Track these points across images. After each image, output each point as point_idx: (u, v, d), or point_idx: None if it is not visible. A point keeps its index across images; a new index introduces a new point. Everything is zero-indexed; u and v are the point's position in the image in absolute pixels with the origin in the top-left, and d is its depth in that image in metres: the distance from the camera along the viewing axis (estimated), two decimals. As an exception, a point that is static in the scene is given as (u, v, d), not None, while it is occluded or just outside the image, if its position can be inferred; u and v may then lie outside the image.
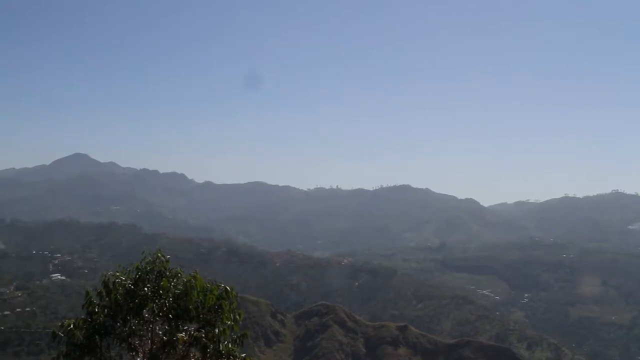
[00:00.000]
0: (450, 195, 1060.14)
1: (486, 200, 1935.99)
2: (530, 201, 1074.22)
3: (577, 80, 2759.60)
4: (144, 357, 17.88)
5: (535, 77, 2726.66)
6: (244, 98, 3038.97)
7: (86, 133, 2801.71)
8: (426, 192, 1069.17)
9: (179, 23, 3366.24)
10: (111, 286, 17.61)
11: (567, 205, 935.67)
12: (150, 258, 18.06)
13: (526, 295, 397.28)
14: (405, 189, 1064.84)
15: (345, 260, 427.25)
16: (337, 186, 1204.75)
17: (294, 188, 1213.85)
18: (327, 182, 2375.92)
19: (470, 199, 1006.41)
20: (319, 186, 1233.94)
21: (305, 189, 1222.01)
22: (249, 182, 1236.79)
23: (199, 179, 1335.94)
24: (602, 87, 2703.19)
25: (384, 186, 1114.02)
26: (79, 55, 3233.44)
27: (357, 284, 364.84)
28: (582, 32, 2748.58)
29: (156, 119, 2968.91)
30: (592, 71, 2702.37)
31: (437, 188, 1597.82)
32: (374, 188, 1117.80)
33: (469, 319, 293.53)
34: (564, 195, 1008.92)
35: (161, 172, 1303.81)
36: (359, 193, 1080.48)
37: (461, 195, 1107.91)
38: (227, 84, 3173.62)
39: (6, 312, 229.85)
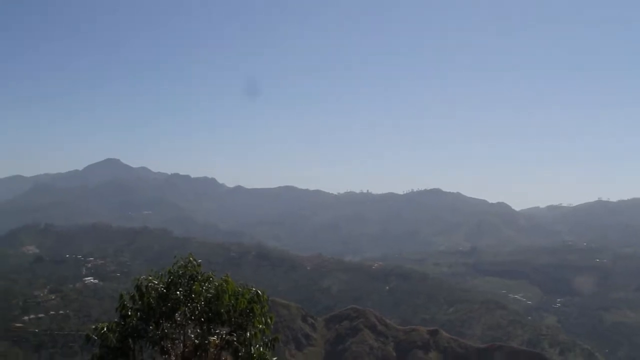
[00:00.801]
0: (481, 199, 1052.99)
1: (518, 204, 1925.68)
2: (563, 205, 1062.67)
3: (612, 83, 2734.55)
4: (176, 360, 18.01)
5: (569, 80, 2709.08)
6: (274, 102, 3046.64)
7: (118, 138, 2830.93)
8: (457, 196, 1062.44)
9: (208, 25, 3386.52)
10: (144, 290, 17.76)
11: (600, 209, 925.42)
12: (182, 262, 18.21)
13: (559, 300, 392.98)
14: (436, 192, 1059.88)
15: (375, 265, 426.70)
16: (367, 190, 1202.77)
17: (325, 192, 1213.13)
18: (358, 186, 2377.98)
19: (502, 203, 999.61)
20: (349, 190, 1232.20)
21: (336, 193, 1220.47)
22: (279, 187, 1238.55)
23: (230, 184, 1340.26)
24: (637, 89, 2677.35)
25: (415, 190, 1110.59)
26: (110, 61, 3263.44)
27: (387, 288, 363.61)
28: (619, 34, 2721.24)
29: (187, 124, 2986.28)
30: (626, 74, 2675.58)
31: (468, 192, 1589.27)
32: (405, 192, 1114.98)
33: (501, 323, 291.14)
34: (597, 199, 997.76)
35: (192, 176, 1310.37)
36: (390, 197, 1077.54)
37: (492, 199, 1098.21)
38: (256, 87, 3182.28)
39: (40, 315, 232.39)
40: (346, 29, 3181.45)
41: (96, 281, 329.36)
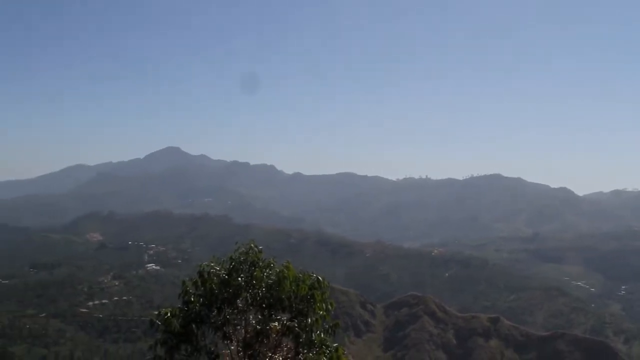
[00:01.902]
0: (543, 185, 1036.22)
1: (581, 189, 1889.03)
2: (628, 190, 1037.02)
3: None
4: (238, 345, 18.15)
5: (632, 65, 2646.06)
6: (333, 89, 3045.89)
7: (178, 127, 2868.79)
8: (518, 181, 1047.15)
9: (268, 9, 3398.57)
10: (206, 276, 17.91)
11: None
12: (243, 249, 18.31)
13: (623, 287, 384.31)
14: (496, 178, 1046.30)
15: (435, 251, 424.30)
16: (426, 176, 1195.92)
17: (384, 178, 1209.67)
18: (417, 171, 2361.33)
19: (564, 187, 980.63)
20: (408, 176, 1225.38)
21: (395, 179, 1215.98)
22: (338, 173, 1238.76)
23: (289, 170, 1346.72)
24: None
25: (475, 175, 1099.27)
26: (171, 50, 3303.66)
27: (447, 274, 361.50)
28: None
29: (246, 111, 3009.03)
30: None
31: (530, 177, 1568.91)
32: (464, 177, 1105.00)
33: (563, 311, 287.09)
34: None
35: (251, 164, 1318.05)
36: (449, 183, 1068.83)
37: (554, 184, 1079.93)
38: (314, 74, 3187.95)
39: (104, 301, 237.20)
40: (410, 16, 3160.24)
41: (158, 268, 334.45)
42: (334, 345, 17.92)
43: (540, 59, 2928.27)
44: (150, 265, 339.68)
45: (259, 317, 17.98)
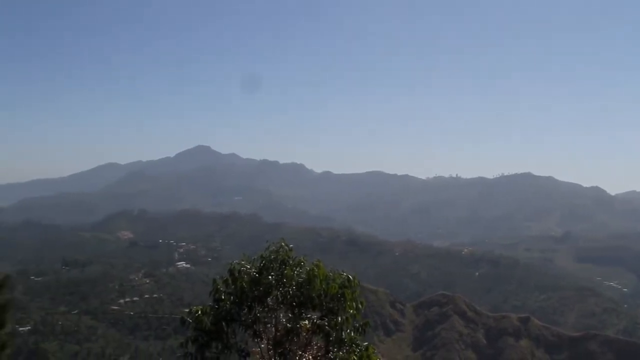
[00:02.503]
0: (574, 184, 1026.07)
1: (613, 188, 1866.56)
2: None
3: None
4: (268, 343, 18.20)
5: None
6: (362, 88, 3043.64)
7: (208, 126, 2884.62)
8: (549, 180, 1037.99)
9: (298, 8, 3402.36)
10: (237, 274, 17.98)
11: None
12: (274, 247, 18.36)
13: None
14: (527, 177, 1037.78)
15: (465, 250, 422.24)
16: (456, 174, 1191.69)
17: (413, 177, 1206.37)
18: (447, 170, 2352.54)
19: (596, 186, 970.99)
20: (438, 175, 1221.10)
21: (424, 178, 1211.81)
22: (367, 172, 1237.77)
23: (318, 169, 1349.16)
24: None
25: (505, 174, 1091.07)
26: (200, 50, 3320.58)
27: (477, 273, 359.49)
28: None
29: (275, 110, 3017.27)
30: None
31: (561, 176, 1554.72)
32: (495, 176, 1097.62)
33: (595, 311, 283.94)
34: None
35: (281, 162, 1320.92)
36: (479, 181, 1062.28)
37: (586, 183, 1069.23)
38: (344, 72, 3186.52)
39: (135, 298, 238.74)
40: (440, 13, 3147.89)
41: (188, 266, 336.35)
42: (364, 344, 17.92)
43: (573, 58, 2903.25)
44: (181, 263, 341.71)
45: (289, 315, 18.02)
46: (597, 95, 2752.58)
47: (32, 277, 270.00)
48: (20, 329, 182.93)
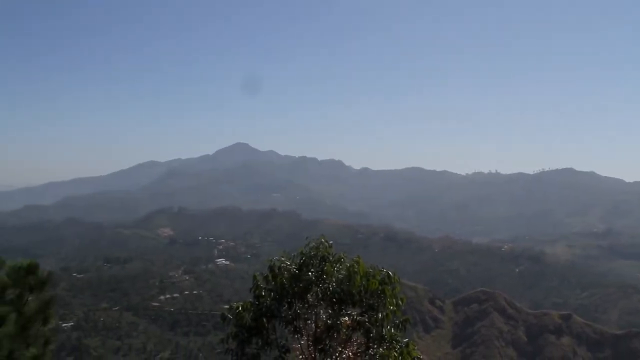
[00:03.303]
0: (617, 179, 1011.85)
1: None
2: None
3: None
4: (308, 339, 18.19)
5: None
6: (401, 83, 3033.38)
7: (247, 123, 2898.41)
8: (591, 175, 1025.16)
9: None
10: (277, 271, 18.00)
11: None
12: (314, 243, 18.33)
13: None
14: (568, 172, 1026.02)
15: (505, 246, 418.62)
16: (496, 170, 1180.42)
17: (452, 173, 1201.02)
18: (486, 166, 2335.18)
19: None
20: (477, 171, 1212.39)
21: (464, 174, 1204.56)
22: (406, 168, 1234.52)
23: (357, 166, 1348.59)
24: None
25: (546, 170, 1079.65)
26: (240, 49, 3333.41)
27: (517, 270, 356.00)
28: None
29: (314, 106, 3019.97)
30: None
31: (603, 171, 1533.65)
32: (535, 172, 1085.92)
33: (639, 308, 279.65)
34: None
35: (319, 159, 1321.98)
36: (519, 177, 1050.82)
37: (629, 178, 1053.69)
38: (382, 69, 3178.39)
39: (175, 295, 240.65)
40: (482, 11, 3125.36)
41: (227, 262, 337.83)
42: (405, 340, 17.82)
43: (619, 54, 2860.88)
44: (220, 260, 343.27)
45: (330, 311, 17.98)
46: (637, 89, 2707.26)
47: (75, 274, 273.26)
48: (64, 324, 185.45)
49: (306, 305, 18.06)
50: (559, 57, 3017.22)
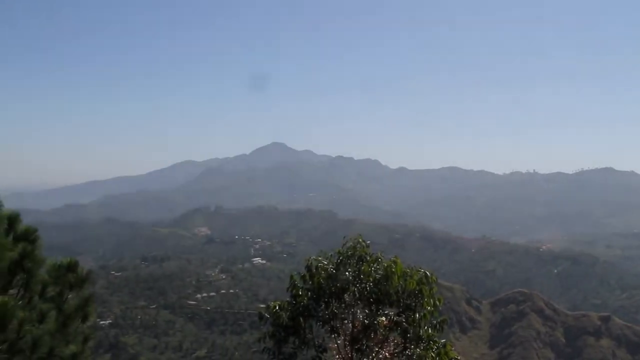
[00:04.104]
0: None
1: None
2: None
3: None
4: (345, 339, 18.16)
5: None
6: (438, 83, 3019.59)
7: (284, 123, 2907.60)
8: (631, 174, 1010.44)
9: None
10: (314, 270, 17.98)
11: None
12: (351, 243, 18.29)
13: None
14: (608, 171, 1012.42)
15: (543, 247, 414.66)
16: (534, 170, 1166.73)
17: (489, 172, 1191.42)
18: (524, 165, 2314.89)
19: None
20: (514, 170, 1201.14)
21: (501, 174, 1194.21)
22: (442, 167, 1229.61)
23: (393, 165, 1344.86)
24: None
25: (585, 169, 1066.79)
26: (278, 50, 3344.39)
27: (556, 271, 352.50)
28: None
29: (350, 106, 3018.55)
30: None
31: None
32: (574, 171, 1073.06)
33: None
34: None
35: (356, 158, 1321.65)
36: (558, 177, 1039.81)
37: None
38: (419, 68, 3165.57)
39: (212, 294, 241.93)
40: (527, 10, 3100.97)
41: (263, 262, 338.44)
42: (442, 341, 17.72)
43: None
44: (256, 259, 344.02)
45: (367, 311, 17.92)
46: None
47: (113, 272, 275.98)
48: (101, 322, 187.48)
49: (343, 305, 18.02)
50: (598, 56, 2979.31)
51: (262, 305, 18.36)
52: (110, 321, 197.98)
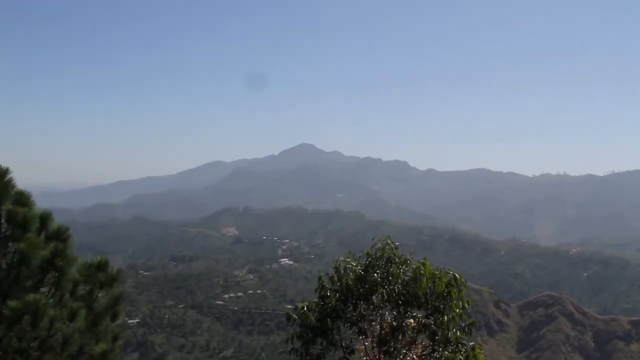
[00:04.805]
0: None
1: None
2: None
3: None
4: (372, 341, 18.15)
5: None
6: (467, 84, 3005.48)
7: (312, 124, 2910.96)
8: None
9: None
10: (342, 271, 18.00)
11: None
12: (379, 245, 18.26)
13: None
14: (639, 174, 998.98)
15: (573, 250, 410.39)
16: (564, 172, 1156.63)
17: (518, 174, 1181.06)
18: (554, 167, 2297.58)
19: None
20: (544, 172, 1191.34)
21: (530, 175, 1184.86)
22: (471, 169, 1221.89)
23: (422, 167, 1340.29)
24: None
25: (616, 171, 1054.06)
26: (304, 53, 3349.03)
27: (585, 274, 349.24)
28: None
29: (379, 107, 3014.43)
30: None
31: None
32: (605, 174, 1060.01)
33: None
34: None
35: (384, 160, 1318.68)
36: (588, 179, 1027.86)
37: None
38: (447, 71, 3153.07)
39: (239, 294, 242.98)
40: (565, 12, 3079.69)
41: (291, 262, 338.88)
42: (471, 344, 17.64)
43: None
44: (284, 259, 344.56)
45: (395, 313, 17.89)
46: None
47: (141, 272, 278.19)
48: (130, 321, 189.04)
49: (371, 306, 18.01)
50: (630, 56, 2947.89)
51: (289, 306, 18.43)
52: (138, 320, 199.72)
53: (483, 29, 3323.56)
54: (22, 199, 12.49)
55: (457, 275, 17.73)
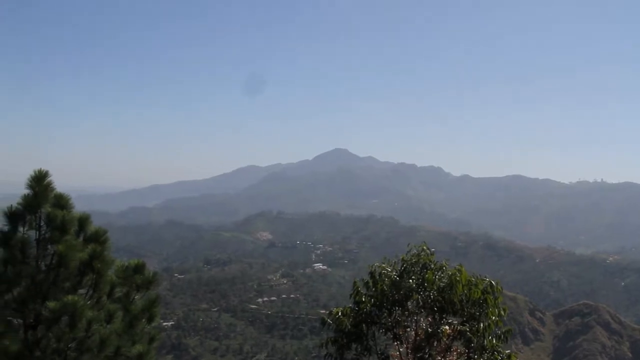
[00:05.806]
0: None
1: None
2: None
3: None
4: (407, 347, 18.07)
5: None
6: (503, 90, 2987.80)
7: (347, 129, 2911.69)
8: None
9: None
10: (377, 277, 17.97)
11: None
12: (415, 250, 18.21)
13: None
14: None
15: (610, 258, 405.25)
16: (601, 179, 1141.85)
17: (555, 181, 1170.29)
18: (591, 174, 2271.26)
19: None
20: (581, 179, 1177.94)
21: (567, 182, 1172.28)
22: (507, 176, 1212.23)
23: (456, 172, 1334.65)
24: None
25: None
26: (338, 56, 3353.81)
27: (623, 283, 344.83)
28: None
29: (413, 113, 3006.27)
30: None
31: None
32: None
33: None
34: None
35: (418, 165, 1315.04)
36: (627, 186, 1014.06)
37: None
38: (484, 76, 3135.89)
39: (273, 298, 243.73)
40: (590, 20, 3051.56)
41: (325, 267, 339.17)
42: (507, 352, 17.48)
43: None
44: (317, 264, 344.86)
45: (430, 319, 17.82)
46: None
47: (176, 275, 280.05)
48: (164, 323, 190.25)
49: (406, 312, 17.96)
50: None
51: (322, 311, 18.37)
52: (172, 323, 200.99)
53: (521, 36, 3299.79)
54: (61, 201, 12.66)
55: (493, 282, 17.61)
